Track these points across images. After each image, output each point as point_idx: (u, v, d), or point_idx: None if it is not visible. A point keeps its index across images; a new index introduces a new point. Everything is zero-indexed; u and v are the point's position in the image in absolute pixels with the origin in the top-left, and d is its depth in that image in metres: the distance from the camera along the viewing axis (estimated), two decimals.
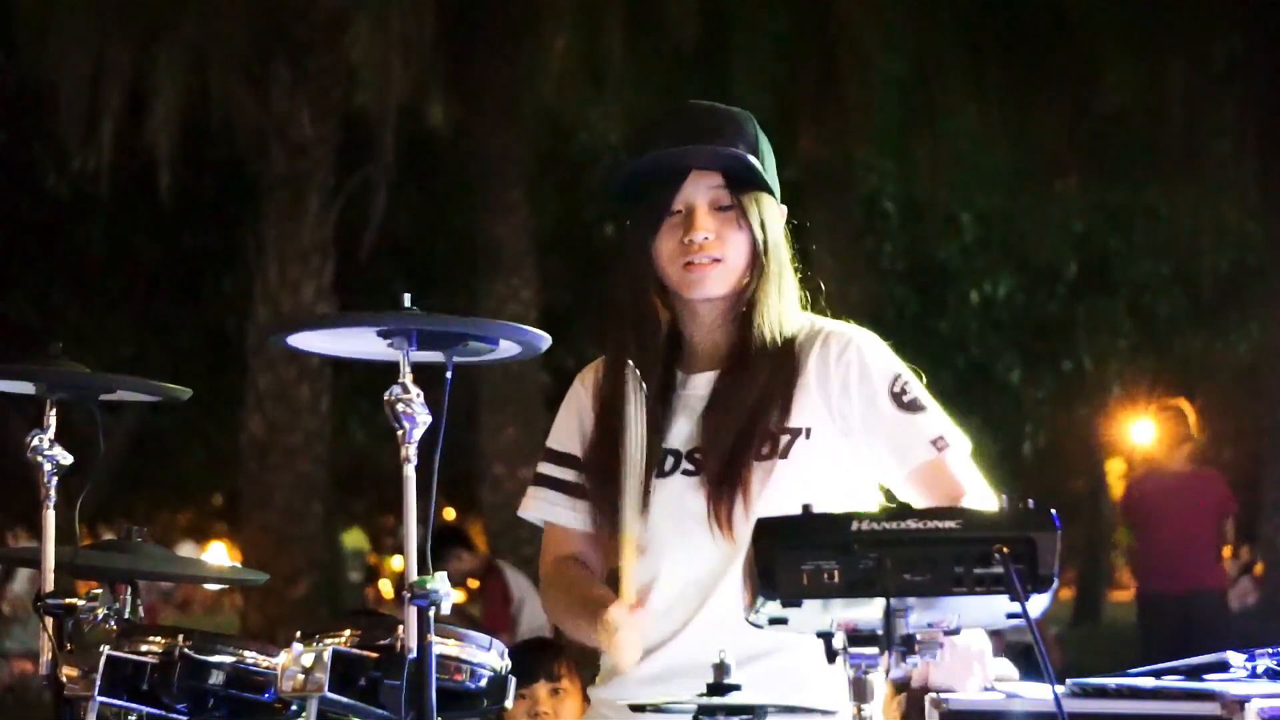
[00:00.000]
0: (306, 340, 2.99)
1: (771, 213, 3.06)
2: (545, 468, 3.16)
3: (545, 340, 2.89)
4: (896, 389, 3.00)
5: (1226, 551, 10.17)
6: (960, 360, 18.64)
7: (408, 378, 2.72)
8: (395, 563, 27.94)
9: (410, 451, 2.69)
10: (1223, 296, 17.63)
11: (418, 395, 2.71)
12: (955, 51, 13.39)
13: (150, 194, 12.78)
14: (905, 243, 17.68)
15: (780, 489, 2.95)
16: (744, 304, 3.03)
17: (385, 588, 27.45)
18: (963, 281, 18.76)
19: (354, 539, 31.51)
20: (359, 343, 2.89)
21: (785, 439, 2.99)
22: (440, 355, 2.83)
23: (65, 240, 16.31)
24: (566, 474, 3.13)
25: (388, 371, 2.77)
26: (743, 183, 3.02)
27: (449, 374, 2.82)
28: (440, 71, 12.83)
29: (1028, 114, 13.56)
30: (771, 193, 3.07)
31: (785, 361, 3.02)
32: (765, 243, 3.03)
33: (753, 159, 3.02)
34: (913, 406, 3.00)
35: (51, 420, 3.41)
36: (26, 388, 3.44)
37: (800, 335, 3.06)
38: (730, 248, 3.01)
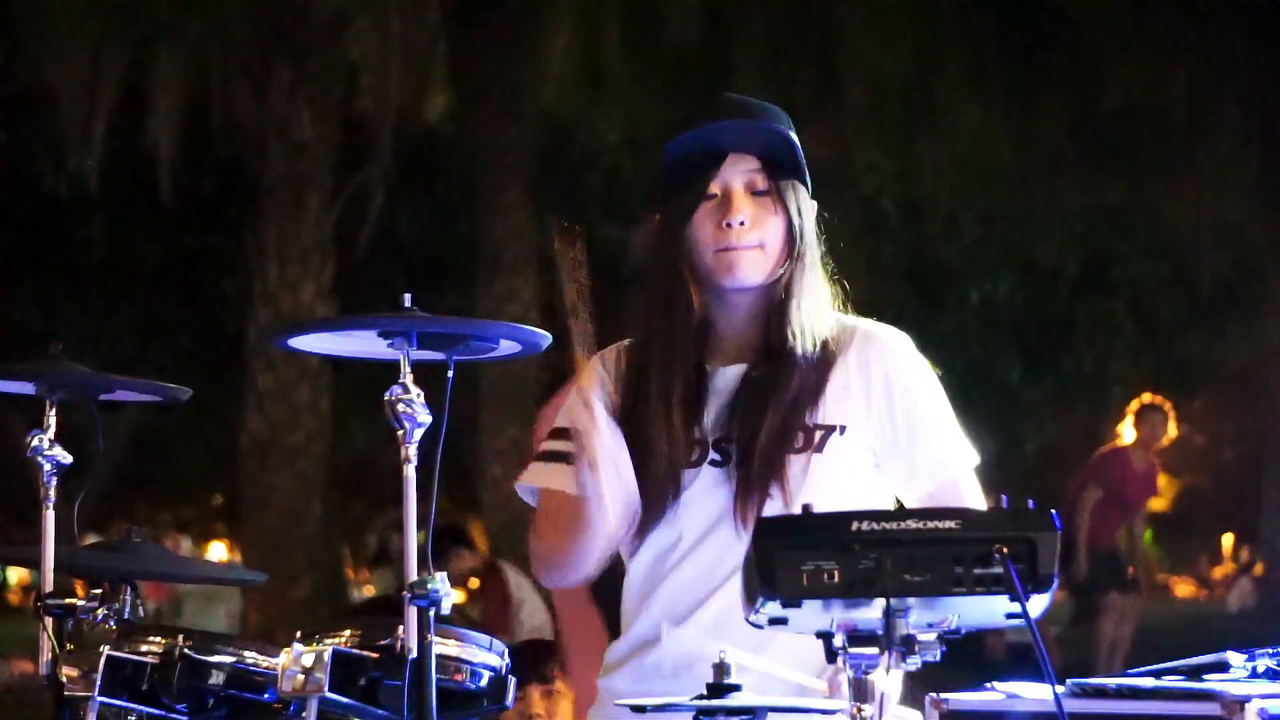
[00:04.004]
0: (308, 341, 2.98)
1: (806, 202, 3.04)
2: (551, 444, 3.03)
3: (546, 339, 2.87)
4: (933, 402, 3.03)
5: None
6: (960, 360, 18.61)
7: (408, 378, 2.72)
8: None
9: (410, 452, 2.68)
10: (1223, 296, 17.61)
11: (418, 395, 2.70)
12: (955, 51, 13.37)
13: (150, 194, 12.79)
14: (905, 243, 17.66)
15: (817, 484, 2.92)
16: (779, 294, 3.00)
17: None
18: (963, 281, 18.74)
19: None
20: (360, 343, 2.88)
21: (820, 434, 2.96)
22: (441, 355, 2.82)
23: (65, 240, 16.31)
24: (573, 448, 2.97)
25: (388, 371, 2.77)
26: (779, 168, 3.00)
27: (450, 373, 2.81)
28: (440, 72, 12.83)
29: (1028, 113, 13.55)
30: (806, 183, 3.05)
31: (821, 356, 3.00)
32: (801, 229, 3.01)
33: (791, 134, 3.00)
34: (942, 424, 3.03)
35: (51, 420, 3.41)
36: (27, 388, 3.44)
37: (834, 331, 3.05)
38: (767, 233, 2.98)
